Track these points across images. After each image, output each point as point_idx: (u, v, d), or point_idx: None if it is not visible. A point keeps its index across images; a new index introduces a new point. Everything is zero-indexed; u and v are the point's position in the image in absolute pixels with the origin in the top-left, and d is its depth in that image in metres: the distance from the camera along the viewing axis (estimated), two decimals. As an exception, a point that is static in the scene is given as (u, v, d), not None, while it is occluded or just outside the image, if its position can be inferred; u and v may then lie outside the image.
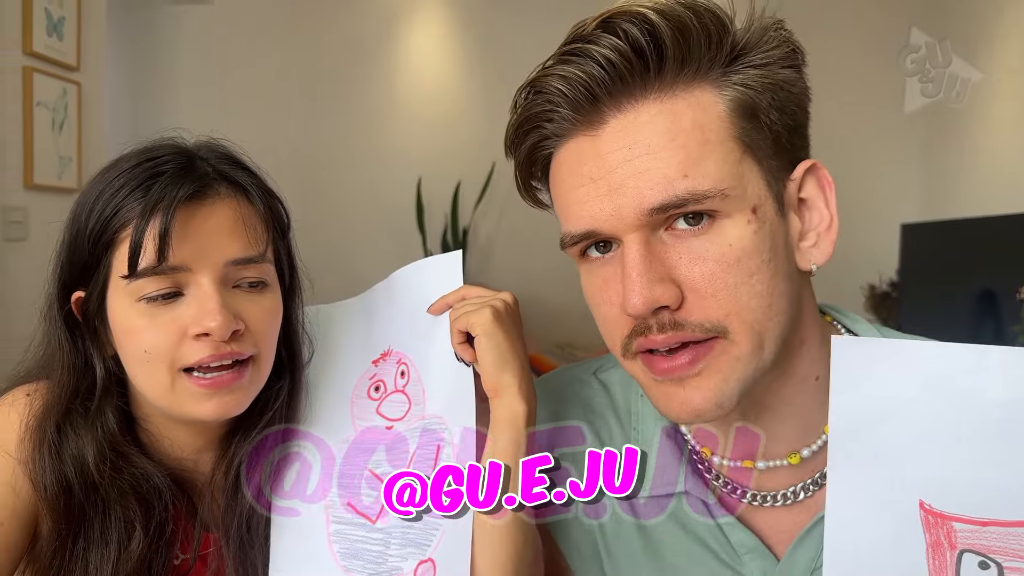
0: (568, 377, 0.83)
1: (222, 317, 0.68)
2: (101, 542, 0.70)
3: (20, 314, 2.72)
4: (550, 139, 0.63)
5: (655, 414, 0.72)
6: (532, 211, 3.28)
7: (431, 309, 0.80)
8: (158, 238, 0.67)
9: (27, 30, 2.70)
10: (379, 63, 4.18)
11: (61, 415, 0.72)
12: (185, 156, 0.72)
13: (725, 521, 0.69)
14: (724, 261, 0.57)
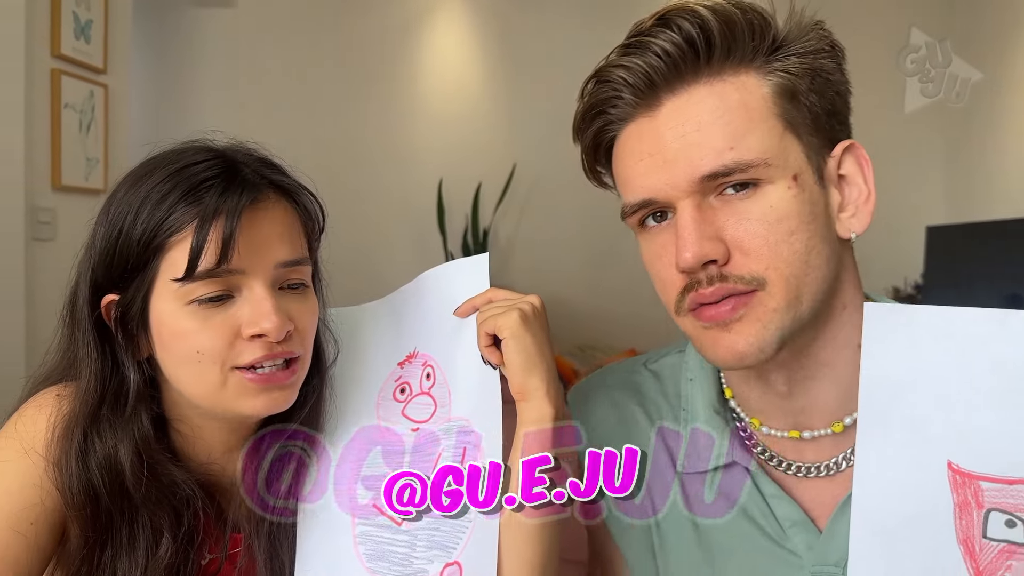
0: (620, 368, 0.89)
1: (278, 318, 0.69)
2: (129, 550, 0.71)
3: (48, 313, 2.76)
4: (613, 123, 0.71)
5: (702, 394, 0.78)
6: (552, 213, 3.32)
7: (458, 311, 0.80)
8: (221, 242, 0.67)
9: (55, 33, 2.74)
10: (401, 65, 4.20)
11: (88, 422, 0.71)
12: (228, 161, 0.73)
13: (771, 493, 0.72)
14: (766, 220, 0.64)
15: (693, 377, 0.80)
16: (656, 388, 0.83)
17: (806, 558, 0.70)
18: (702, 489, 0.76)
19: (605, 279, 4.03)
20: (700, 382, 0.80)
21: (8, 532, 0.66)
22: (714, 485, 0.75)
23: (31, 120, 2.66)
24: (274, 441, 0.79)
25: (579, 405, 0.86)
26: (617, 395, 0.85)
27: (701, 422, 0.77)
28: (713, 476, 0.75)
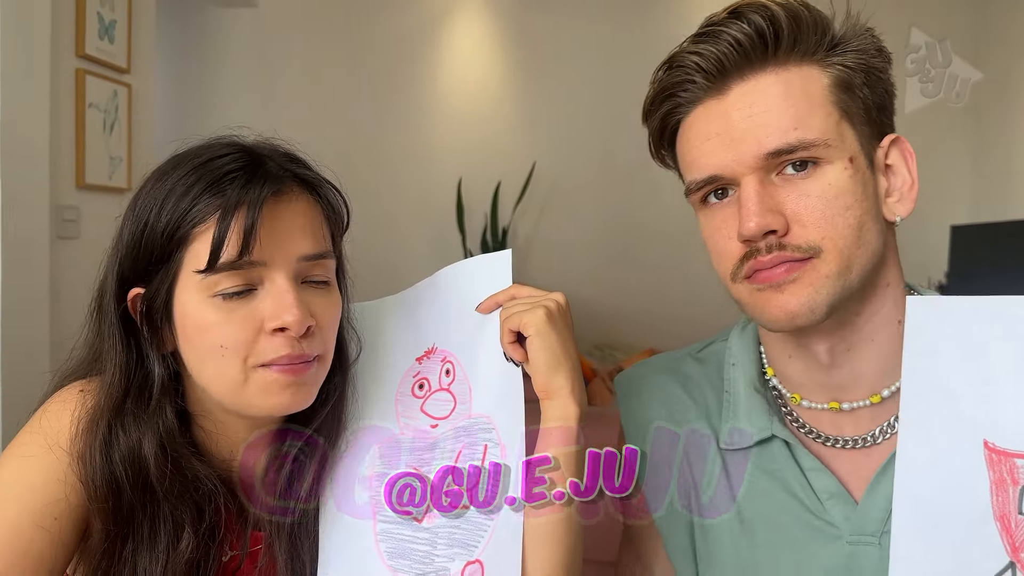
0: (666, 356, 0.94)
1: (299, 311, 0.69)
2: (150, 544, 0.71)
3: (72, 310, 2.79)
4: (682, 106, 0.75)
5: (744, 375, 0.83)
6: (571, 212, 3.30)
7: (480, 308, 0.80)
8: (243, 234, 0.67)
9: (80, 33, 2.77)
10: (421, 65, 4.21)
11: (112, 415, 0.72)
12: (252, 154, 0.73)
13: (809, 466, 0.76)
14: (824, 196, 0.69)
15: (736, 361, 0.84)
16: (700, 372, 0.88)
17: (843, 528, 0.73)
18: (743, 464, 0.79)
19: (624, 278, 4.01)
20: (742, 365, 0.84)
21: (32, 528, 0.67)
22: (755, 460, 0.79)
23: (56, 120, 2.69)
24: (296, 440, 0.79)
25: (626, 388, 0.91)
26: (662, 379, 0.89)
27: (743, 401, 0.81)
28: (754, 451, 0.79)
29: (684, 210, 2.59)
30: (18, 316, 2.58)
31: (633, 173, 4.07)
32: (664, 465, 0.84)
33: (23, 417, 2.44)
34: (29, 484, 0.69)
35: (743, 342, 0.85)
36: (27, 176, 2.59)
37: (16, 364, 2.57)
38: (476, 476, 0.75)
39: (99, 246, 2.63)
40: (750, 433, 0.79)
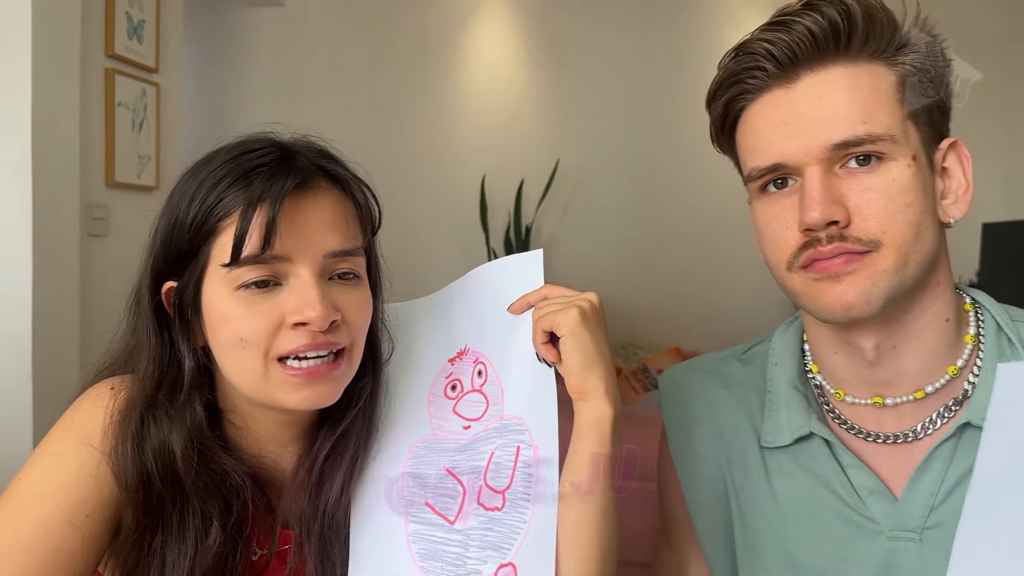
0: (710, 357, 0.95)
1: (322, 307, 0.68)
2: (179, 537, 0.71)
3: (102, 307, 2.83)
4: (748, 93, 0.76)
5: (785, 374, 0.84)
6: (595, 210, 3.28)
7: (512, 308, 0.79)
8: (264, 227, 0.67)
9: (109, 33, 2.80)
10: (445, 63, 4.21)
11: (145, 407, 0.72)
12: (284, 149, 0.73)
13: (848, 463, 0.76)
14: (887, 192, 0.69)
15: (777, 361, 0.85)
16: (744, 373, 0.89)
17: (883, 524, 0.74)
18: (783, 461, 0.80)
19: (648, 276, 3.99)
20: (783, 365, 0.84)
21: (65, 525, 0.67)
22: (794, 457, 0.79)
23: (86, 118, 2.73)
24: (326, 439, 0.78)
25: (669, 388, 0.91)
26: (705, 380, 0.90)
27: (783, 399, 0.82)
28: (793, 449, 0.79)
29: (708, 208, 2.60)
30: (49, 313, 2.61)
31: (657, 171, 4.04)
32: (704, 464, 0.85)
33: (55, 412, 2.47)
34: (61, 481, 0.69)
35: (785, 341, 0.86)
36: (58, 175, 2.62)
37: (47, 360, 2.61)
38: (509, 478, 0.75)
39: (128, 244, 2.67)
40: (789, 431, 0.79)
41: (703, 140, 3.58)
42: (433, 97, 4.21)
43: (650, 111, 4.05)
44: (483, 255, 4.06)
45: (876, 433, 0.77)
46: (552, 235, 4.21)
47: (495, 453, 0.77)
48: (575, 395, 0.72)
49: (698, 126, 3.82)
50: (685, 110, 3.98)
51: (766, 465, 0.81)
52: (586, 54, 4.12)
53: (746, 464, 0.83)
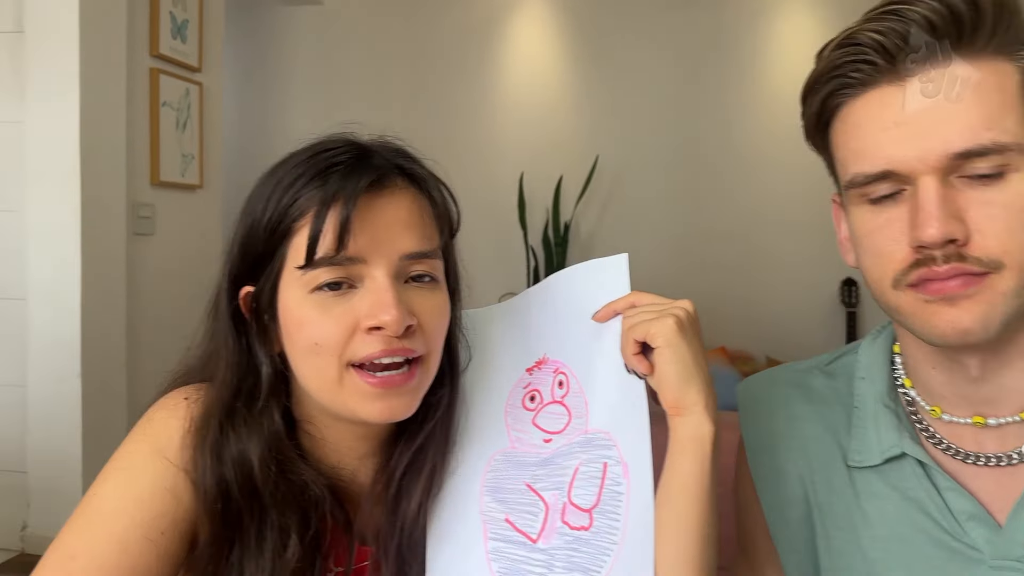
0: (793, 368, 0.89)
1: (397, 311, 0.66)
2: (256, 551, 0.69)
3: (147, 305, 2.85)
4: (850, 88, 0.68)
5: (873, 390, 0.78)
6: (634, 206, 3.21)
7: (597, 316, 0.76)
8: (338, 227, 0.65)
9: (154, 33, 2.81)
10: (484, 59, 4.18)
11: (224, 415, 0.70)
12: (360, 148, 0.71)
13: (945, 486, 0.71)
14: (1011, 208, 0.63)
15: (865, 375, 0.79)
16: (828, 386, 0.83)
17: (986, 552, 0.68)
18: (872, 482, 0.75)
19: (691, 275, 3.93)
20: (871, 379, 0.79)
21: (141, 542, 0.65)
22: (884, 478, 0.74)
23: (132, 118, 2.74)
24: (404, 453, 0.76)
25: (747, 399, 0.86)
26: (787, 391, 0.84)
27: (871, 417, 0.76)
28: (883, 469, 0.75)
29: (752, 206, 2.51)
30: (97, 311, 2.63)
31: (699, 167, 3.98)
32: (786, 482, 0.81)
33: (104, 409, 2.50)
34: (136, 496, 0.67)
35: (873, 354, 0.80)
36: (105, 174, 2.64)
37: (95, 358, 2.63)
38: (596, 496, 0.72)
39: (173, 243, 2.68)
40: (879, 450, 0.74)
41: (746, 136, 3.55)
42: (472, 93, 4.19)
43: (691, 106, 3.99)
44: (521, 253, 4.03)
45: (976, 454, 0.71)
46: (591, 232, 4.17)
47: (579, 469, 0.74)
48: (672, 410, 0.68)
49: (741, 121, 3.77)
50: (727, 105, 3.91)
51: (853, 485, 0.76)
52: (626, 49, 4.07)
53: (831, 483, 0.78)
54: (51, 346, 2.59)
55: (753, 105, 3.89)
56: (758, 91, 3.88)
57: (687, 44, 3.99)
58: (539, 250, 4.07)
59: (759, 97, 3.88)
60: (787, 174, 3.84)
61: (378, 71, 4.19)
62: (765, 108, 3.86)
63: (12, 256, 2.65)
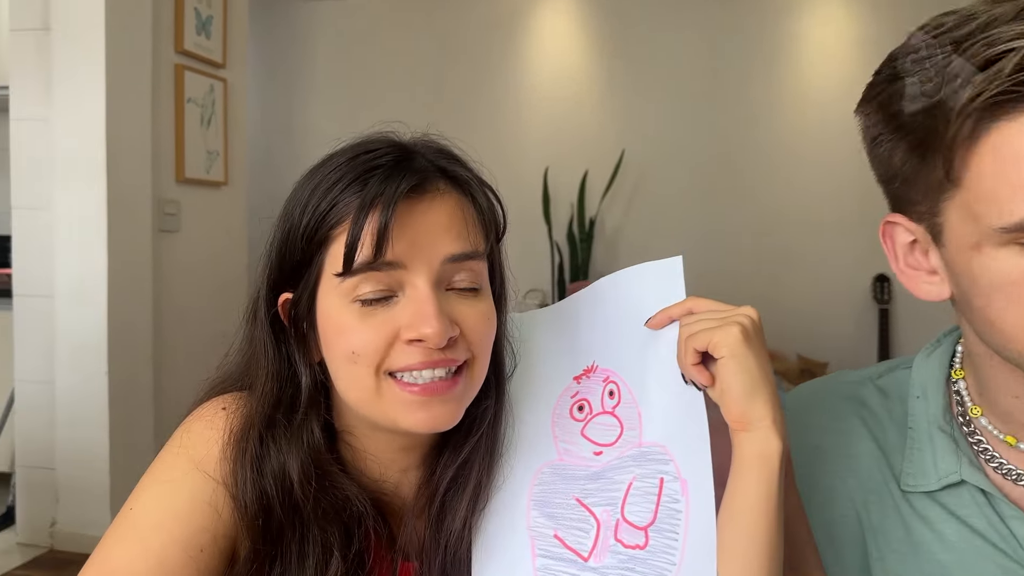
0: (845, 379, 0.83)
1: (438, 323, 0.63)
2: (298, 567, 0.66)
3: (172, 302, 2.84)
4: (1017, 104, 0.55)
5: (930, 412, 0.73)
6: (661, 202, 3.16)
7: (651, 323, 0.72)
8: (376, 234, 0.62)
9: (179, 29, 2.80)
10: (508, 53, 4.14)
11: (263, 427, 0.68)
12: (402, 150, 0.67)
13: (1011, 515, 0.67)
14: None
15: (920, 395, 0.74)
16: (881, 404, 0.77)
17: None
18: (929, 508, 0.70)
19: (717, 273, 3.87)
20: (928, 400, 0.73)
21: (180, 558, 0.62)
22: (942, 505, 0.70)
23: (157, 115, 2.73)
24: (448, 466, 0.72)
25: (796, 410, 0.80)
26: (839, 405, 0.79)
27: (926, 440, 0.71)
28: (940, 495, 0.70)
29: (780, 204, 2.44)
30: (124, 308, 2.63)
31: (728, 161, 3.91)
32: (836, 501, 0.76)
33: (130, 406, 2.49)
34: (175, 511, 0.64)
35: (928, 372, 0.75)
36: (131, 171, 2.63)
37: (122, 355, 2.63)
38: (652, 513, 0.68)
39: (198, 239, 2.66)
40: (936, 476, 0.70)
41: (775, 130, 3.47)
42: (496, 87, 4.16)
43: (719, 100, 3.93)
44: (545, 249, 3.99)
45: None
46: (616, 228, 4.12)
47: (633, 484, 0.70)
48: (736, 424, 0.64)
49: (770, 115, 3.69)
50: (756, 99, 3.84)
51: (908, 509, 0.72)
52: (652, 42, 4.01)
53: (884, 506, 0.73)
54: (78, 343, 2.59)
55: (782, 99, 3.82)
56: (787, 85, 3.81)
57: (714, 37, 3.93)
58: (564, 246, 4.03)
59: (788, 91, 3.80)
60: (817, 169, 3.77)
61: (401, 66, 4.17)
62: (795, 102, 3.79)
63: (41, 254, 2.65)
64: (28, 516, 2.74)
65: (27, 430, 2.73)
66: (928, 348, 0.77)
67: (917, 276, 0.67)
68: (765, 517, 0.63)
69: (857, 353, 3.72)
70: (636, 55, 4.03)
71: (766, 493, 0.62)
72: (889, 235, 0.68)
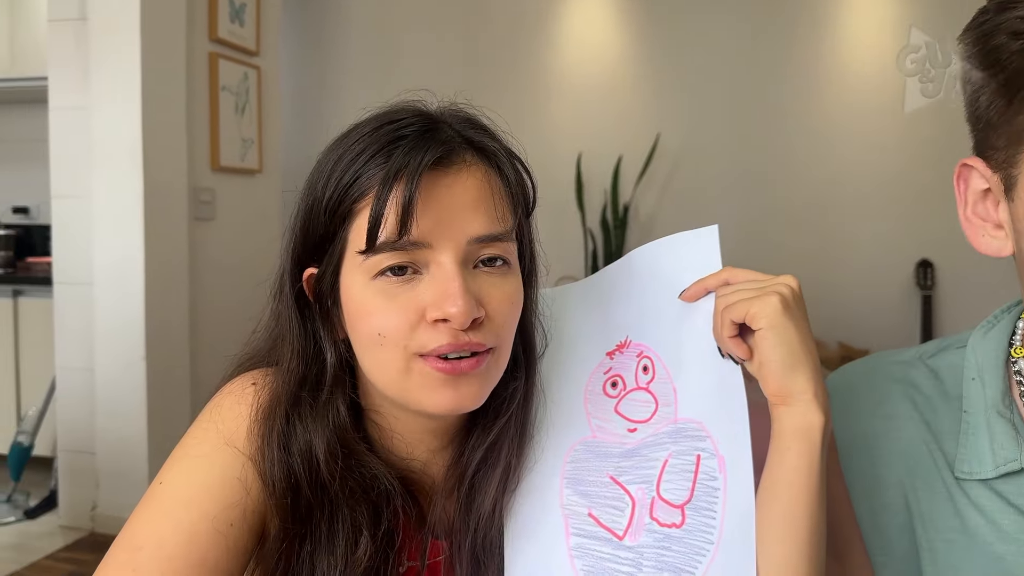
0: (893, 359, 0.78)
1: (463, 302, 0.60)
2: (328, 546, 0.65)
3: (208, 289, 2.87)
4: None
5: (985, 396, 0.68)
6: (696, 186, 3.11)
7: (685, 295, 0.69)
8: (400, 209, 0.59)
9: (212, 17, 2.81)
10: (541, 35, 4.10)
11: (290, 404, 0.66)
12: (428, 119, 0.65)
13: None
14: None
15: (976, 376, 0.70)
16: (934, 386, 0.73)
17: None
18: (982, 494, 0.66)
19: (755, 259, 3.79)
20: (985, 381, 0.69)
21: (210, 533, 0.61)
22: (999, 494, 0.66)
23: (191, 103, 2.75)
24: (477, 446, 0.70)
25: (841, 391, 0.77)
26: (886, 386, 0.75)
27: (983, 425, 0.67)
28: (997, 483, 0.66)
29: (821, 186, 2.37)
30: (161, 295, 2.66)
31: (765, 145, 3.83)
32: (884, 488, 0.72)
33: (167, 392, 2.52)
34: (206, 486, 0.63)
35: (985, 352, 0.70)
36: (167, 160, 2.66)
37: (159, 341, 2.66)
38: (688, 491, 0.65)
39: (233, 227, 2.67)
40: (993, 463, 0.66)
41: (815, 112, 3.38)
42: (528, 70, 4.12)
43: (757, 81, 3.84)
44: (578, 236, 3.96)
45: None
46: (651, 215, 4.06)
47: (669, 461, 0.67)
48: (775, 398, 0.61)
49: (809, 96, 3.59)
50: (795, 80, 3.75)
51: (961, 496, 0.68)
52: (688, 22, 3.93)
53: (934, 493, 0.70)
54: (117, 331, 2.63)
55: (823, 79, 3.72)
56: (828, 64, 3.71)
57: (753, 15, 3.84)
58: (597, 233, 3.99)
59: (829, 70, 3.71)
60: (858, 152, 3.67)
61: (433, 52, 4.15)
62: (836, 82, 3.69)
63: (80, 242, 2.69)
64: (70, 500, 2.80)
65: (68, 416, 2.78)
66: (985, 326, 0.73)
67: (982, 228, 0.63)
68: (806, 494, 0.60)
69: (899, 340, 3.63)
70: (671, 36, 3.96)
71: (807, 469, 0.59)
72: (964, 178, 0.63)
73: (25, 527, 2.80)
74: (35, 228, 3.78)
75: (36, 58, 3.20)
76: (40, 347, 3.08)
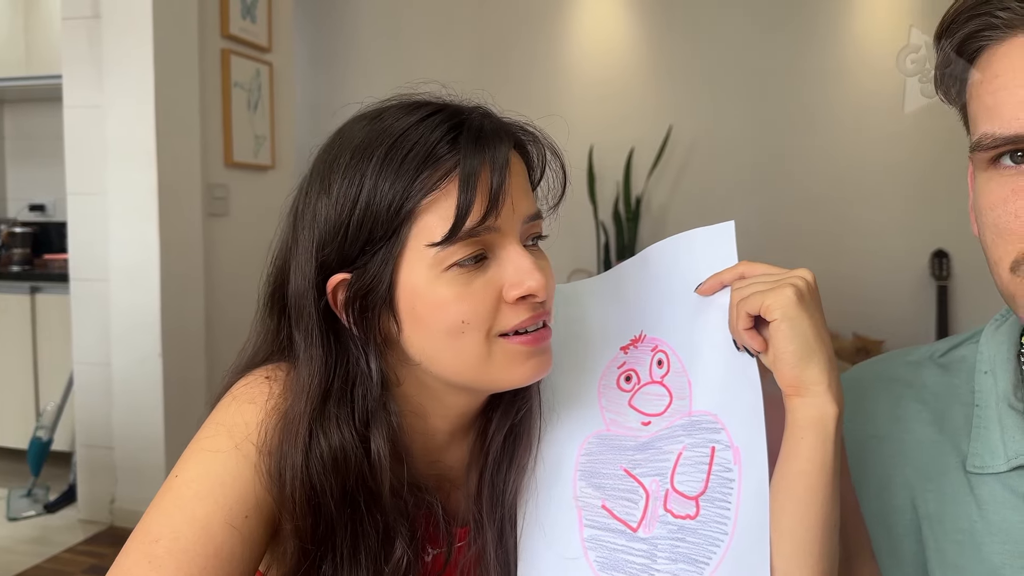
0: (902, 358, 0.79)
1: (541, 275, 0.64)
2: (352, 561, 0.65)
3: (221, 286, 2.89)
4: (996, 30, 0.58)
5: (996, 389, 0.69)
6: (710, 179, 3.10)
7: (702, 289, 0.69)
8: (489, 197, 0.62)
9: (224, 13, 2.82)
10: (551, 25, 4.09)
11: (312, 418, 0.65)
12: (458, 112, 0.67)
13: None
14: None
15: (988, 369, 0.69)
16: (943, 383, 0.73)
17: None
18: (995, 490, 0.66)
19: (769, 251, 3.79)
20: (996, 374, 0.68)
21: (224, 527, 0.62)
22: (1011, 489, 0.65)
23: (204, 100, 2.77)
24: (495, 439, 0.71)
25: (852, 391, 0.76)
26: (895, 388, 0.75)
27: (995, 419, 0.67)
28: (1009, 477, 0.65)
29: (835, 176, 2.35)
30: (176, 292, 2.68)
31: (779, 136, 3.81)
32: (890, 489, 0.72)
33: (184, 388, 2.54)
34: (219, 480, 0.64)
35: (997, 346, 0.70)
36: (180, 156, 2.67)
37: (175, 337, 2.69)
38: (703, 483, 0.66)
39: (246, 223, 2.68)
40: (1005, 457, 0.65)
41: (829, 102, 3.35)
42: (539, 61, 4.11)
43: (770, 71, 3.82)
44: (590, 228, 3.95)
45: None
46: (663, 207, 4.05)
47: (683, 454, 0.68)
48: (790, 390, 0.62)
49: (823, 87, 3.56)
50: (808, 70, 3.73)
51: (972, 492, 0.68)
52: (700, 11, 3.91)
53: (943, 491, 0.69)
54: (133, 326, 2.65)
55: (837, 69, 3.69)
56: (843, 54, 3.68)
57: (767, 5, 3.81)
58: (609, 225, 3.98)
59: (844, 60, 3.68)
60: (872, 142, 3.64)
61: (446, 47, 4.15)
62: (851, 72, 3.66)
63: (96, 238, 2.71)
64: (89, 494, 2.83)
65: (86, 411, 2.81)
66: (997, 320, 0.73)
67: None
68: (820, 485, 0.60)
69: (914, 331, 3.60)
70: (683, 27, 3.94)
71: (821, 460, 0.60)
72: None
73: (45, 521, 2.84)
74: (52, 225, 3.81)
75: (50, 56, 3.23)
76: (58, 343, 3.11)
